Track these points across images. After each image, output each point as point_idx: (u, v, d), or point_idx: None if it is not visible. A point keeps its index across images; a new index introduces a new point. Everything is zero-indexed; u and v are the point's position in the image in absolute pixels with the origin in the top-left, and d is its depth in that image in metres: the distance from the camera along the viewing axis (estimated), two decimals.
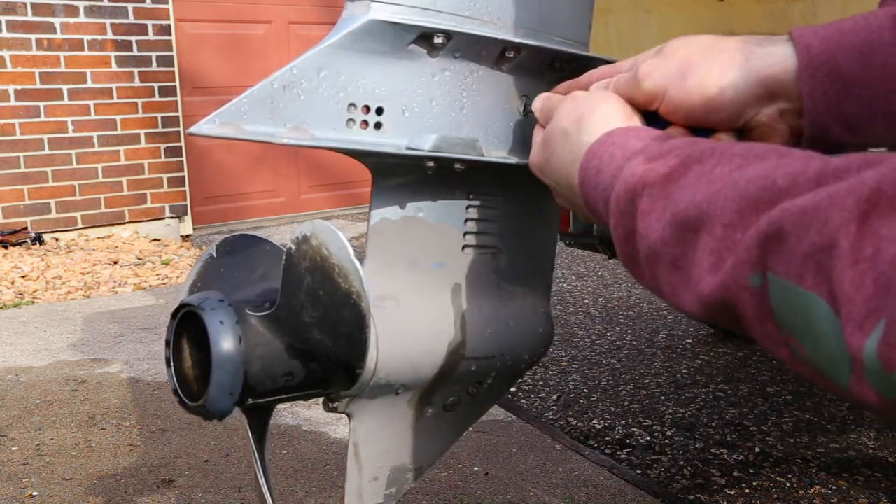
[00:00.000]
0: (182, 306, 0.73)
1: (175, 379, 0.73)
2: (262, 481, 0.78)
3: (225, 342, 0.68)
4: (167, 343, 0.74)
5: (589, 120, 0.62)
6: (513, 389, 2.96)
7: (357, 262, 0.67)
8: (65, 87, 5.31)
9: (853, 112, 0.58)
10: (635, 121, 0.63)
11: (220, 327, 0.69)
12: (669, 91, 0.62)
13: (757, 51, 0.60)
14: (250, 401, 0.72)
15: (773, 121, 0.60)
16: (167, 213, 5.83)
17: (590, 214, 0.61)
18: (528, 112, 0.81)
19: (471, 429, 1.03)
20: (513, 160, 0.80)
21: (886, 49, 0.57)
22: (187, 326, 0.73)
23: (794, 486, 2.24)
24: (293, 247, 0.71)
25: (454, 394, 0.84)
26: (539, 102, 0.73)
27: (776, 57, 0.59)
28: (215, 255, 0.82)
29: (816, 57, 0.58)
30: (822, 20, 1.44)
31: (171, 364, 0.74)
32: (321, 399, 0.78)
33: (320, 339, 0.70)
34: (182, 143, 5.83)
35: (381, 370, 0.73)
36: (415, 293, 0.78)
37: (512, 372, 0.87)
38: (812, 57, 0.58)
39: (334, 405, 0.76)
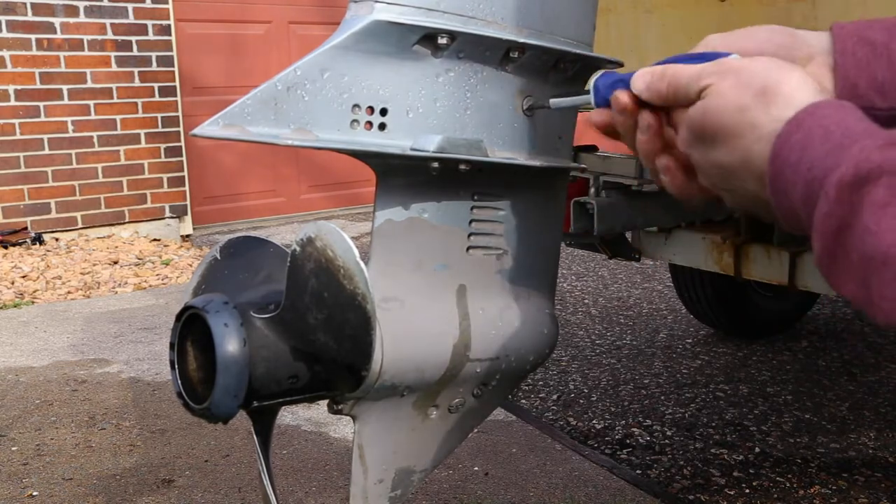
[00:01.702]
0: (186, 308, 0.73)
1: (179, 381, 0.73)
2: (266, 482, 0.78)
3: (229, 344, 0.68)
4: (171, 345, 0.74)
5: (779, 90, 0.54)
6: None
7: (363, 264, 0.67)
8: (65, 87, 5.31)
9: (880, 72, 0.60)
10: (825, 95, 0.56)
11: (225, 330, 0.68)
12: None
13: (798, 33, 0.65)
14: (255, 403, 0.72)
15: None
16: (167, 213, 5.83)
17: (772, 198, 0.53)
18: (532, 112, 0.81)
19: None
20: (517, 161, 0.80)
21: None
22: (191, 329, 0.73)
23: (794, 486, 2.24)
24: (298, 248, 0.70)
25: (459, 395, 0.84)
26: (646, 80, 0.61)
27: (815, 38, 0.65)
28: (219, 257, 0.81)
29: (847, 28, 0.64)
30: (823, 20, 1.44)
31: (176, 366, 0.73)
32: (324, 400, 0.78)
33: (325, 341, 0.70)
34: (182, 143, 5.82)
35: (386, 372, 0.73)
36: (420, 294, 0.78)
37: (517, 373, 0.87)
38: (844, 28, 0.64)
39: (339, 407, 0.76)
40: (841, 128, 0.49)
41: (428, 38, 0.72)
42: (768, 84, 0.54)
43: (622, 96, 0.62)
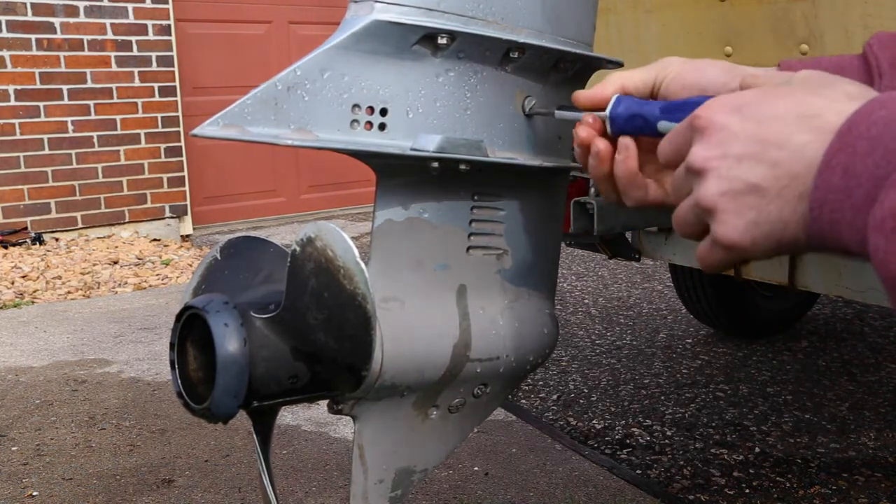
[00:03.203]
0: (186, 308, 0.73)
1: (179, 381, 0.73)
2: (266, 483, 0.78)
3: (230, 344, 0.68)
4: (171, 345, 0.74)
5: (845, 88, 0.53)
6: None
7: (363, 264, 0.67)
8: (65, 87, 5.31)
9: None
10: None
11: (225, 330, 0.68)
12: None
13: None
14: (255, 403, 0.72)
15: None
16: (167, 213, 5.83)
17: (825, 172, 0.50)
18: (532, 113, 0.81)
19: None
20: (517, 161, 0.80)
21: (855, 68, 0.66)
22: (191, 329, 0.73)
23: (794, 486, 2.24)
24: (298, 248, 0.70)
25: (459, 395, 0.84)
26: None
27: (763, 76, 0.64)
28: (219, 257, 0.81)
29: (797, 67, 0.64)
30: (823, 20, 1.44)
31: (176, 366, 0.73)
32: (325, 400, 0.78)
33: (325, 342, 0.70)
34: (182, 143, 5.82)
35: (386, 372, 0.73)
36: (420, 294, 0.78)
37: (517, 373, 0.87)
38: (794, 68, 0.64)
39: (339, 407, 0.76)
40: None
41: (428, 38, 0.72)
42: (831, 80, 0.54)
43: (630, 144, 0.65)
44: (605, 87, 0.68)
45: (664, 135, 0.61)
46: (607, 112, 0.66)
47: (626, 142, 0.65)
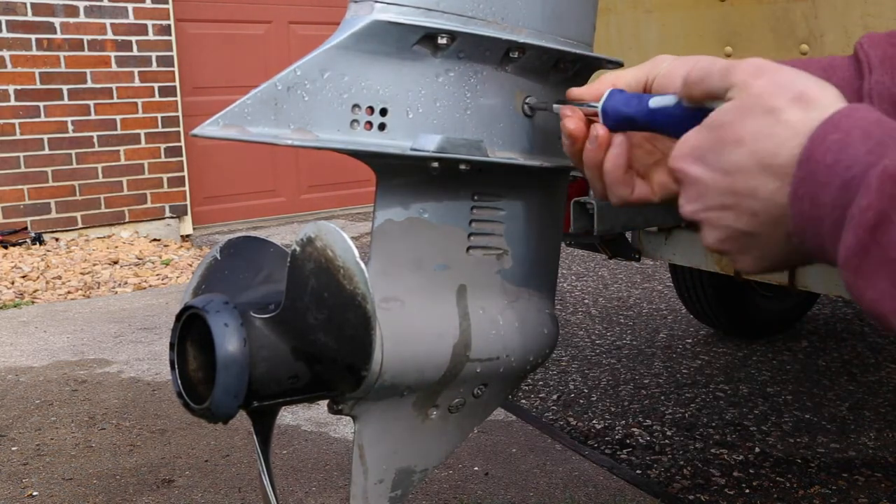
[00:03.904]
0: (186, 308, 0.73)
1: (179, 381, 0.73)
2: (266, 483, 0.78)
3: (229, 344, 0.68)
4: (171, 345, 0.74)
5: (818, 97, 0.53)
6: None
7: (363, 264, 0.67)
8: (65, 87, 5.31)
9: None
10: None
11: (225, 329, 0.68)
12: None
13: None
14: (255, 403, 0.72)
15: None
16: (167, 213, 5.83)
17: (793, 205, 0.51)
18: (533, 112, 0.81)
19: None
20: (517, 161, 0.80)
21: (845, 67, 0.67)
22: (191, 329, 0.73)
23: (794, 486, 2.24)
24: (297, 248, 0.70)
25: (459, 395, 0.84)
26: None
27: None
28: (219, 257, 0.81)
29: (877, 37, 0.68)
30: (823, 20, 1.44)
31: (176, 366, 0.73)
32: (325, 400, 0.78)
33: (325, 342, 0.70)
34: (182, 143, 5.82)
35: (386, 372, 0.73)
36: (419, 294, 0.78)
37: (517, 373, 0.87)
38: (873, 38, 0.68)
39: (339, 407, 0.76)
40: (881, 129, 0.48)
41: (428, 38, 0.72)
42: (806, 91, 0.53)
43: (623, 142, 0.67)
44: (599, 85, 0.70)
45: (655, 126, 0.63)
46: (600, 105, 0.67)
47: (619, 138, 0.66)
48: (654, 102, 0.64)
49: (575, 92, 0.71)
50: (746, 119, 0.53)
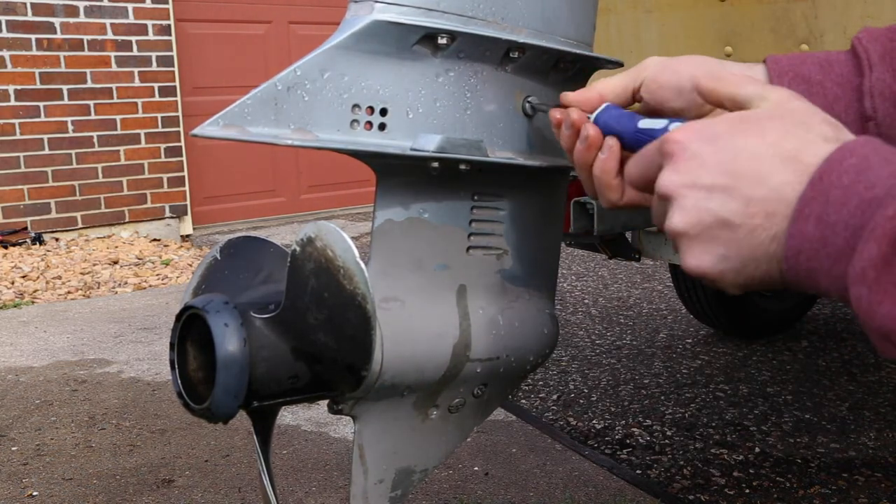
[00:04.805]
0: (186, 308, 0.73)
1: (179, 381, 0.73)
2: (266, 483, 0.78)
3: (230, 344, 0.68)
4: (171, 345, 0.74)
5: (843, 127, 0.53)
6: None
7: (363, 264, 0.67)
8: (65, 87, 5.31)
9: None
10: None
11: (225, 329, 0.68)
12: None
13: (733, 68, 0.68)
14: (255, 403, 0.72)
15: None
16: (167, 213, 5.83)
17: (799, 220, 0.49)
18: (534, 112, 0.81)
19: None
20: (517, 161, 0.80)
21: (842, 63, 0.67)
22: (191, 329, 0.73)
23: (794, 486, 2.24)
24: (298, 248, 0.70)
25: (459, 395, 0.84)
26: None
27: (751, 72, 0.67)
28: (219, 257, 0.81)
29: (782, 63, 0.68)
30: (823, 20, 1.44)
31: (176, 366, 0.73)
32: (325, 400, 0.78)
33: (325, 342, 0.70)
34: (182, 143, 5.82)
35: (386, 372, 0.73)
36: (419, 295, 0.78)
37: (517, 373, 0.87)
38: (778, 63, 0.68)
39: (339, 407, 0.76)
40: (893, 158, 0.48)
41: (428, 38, 0.72)
42: (834, 119, 0.53)
43: (615, 145, 0.66)
44: (587, 93, 0.70)
45: (638, 147, 0.62)
46: (593, 117, 0.68)
47: (610, 142, 0.66)
48: (643, 124, 0.64)
49: (568, 97, 0.71)
50: (776, 121, 0.52)
